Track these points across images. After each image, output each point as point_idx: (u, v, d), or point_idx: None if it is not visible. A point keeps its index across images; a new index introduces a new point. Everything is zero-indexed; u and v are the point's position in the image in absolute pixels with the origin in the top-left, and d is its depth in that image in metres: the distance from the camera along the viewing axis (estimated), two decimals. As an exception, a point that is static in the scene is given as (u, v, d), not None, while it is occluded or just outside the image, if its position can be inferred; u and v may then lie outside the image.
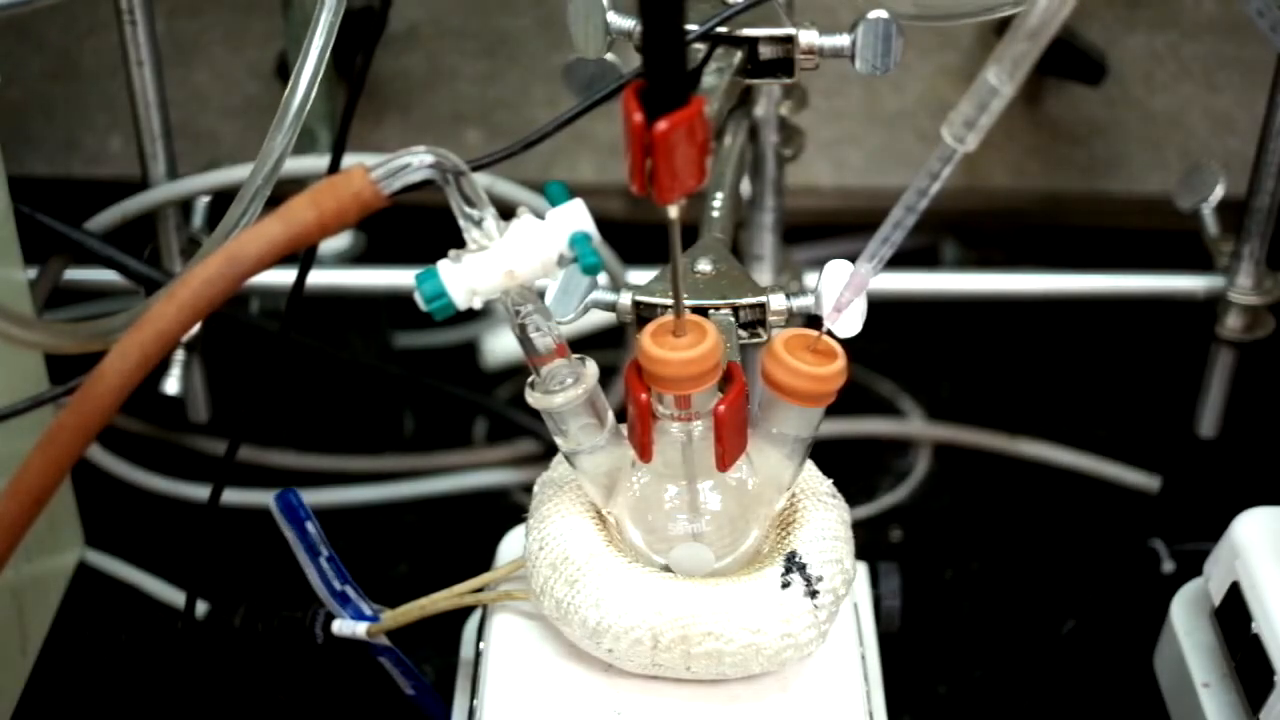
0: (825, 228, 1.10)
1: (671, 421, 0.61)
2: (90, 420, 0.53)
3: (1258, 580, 0.73)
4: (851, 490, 0.68)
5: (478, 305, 0.58)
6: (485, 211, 0.57)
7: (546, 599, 0.63)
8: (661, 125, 0.50)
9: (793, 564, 0.63)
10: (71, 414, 0.53)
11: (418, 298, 0.58)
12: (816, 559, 0.63)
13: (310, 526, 0.67)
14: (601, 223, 0.58)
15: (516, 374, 1.14)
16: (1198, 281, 0.92)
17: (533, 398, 0.61)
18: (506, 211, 0.58)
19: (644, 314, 0.71)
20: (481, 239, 0.57)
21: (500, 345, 1.15)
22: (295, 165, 0.83)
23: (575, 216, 0.57)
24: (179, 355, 0.90)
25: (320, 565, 0.68)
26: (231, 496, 0.92)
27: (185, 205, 0.91)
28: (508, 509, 1.02)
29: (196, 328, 0.87)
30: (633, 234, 0.84)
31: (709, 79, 0.71)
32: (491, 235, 0.57)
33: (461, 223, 0.57)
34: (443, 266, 0.58)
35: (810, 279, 0.93)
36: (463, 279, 0.57)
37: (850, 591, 0.65)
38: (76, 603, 0.91)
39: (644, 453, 0.61)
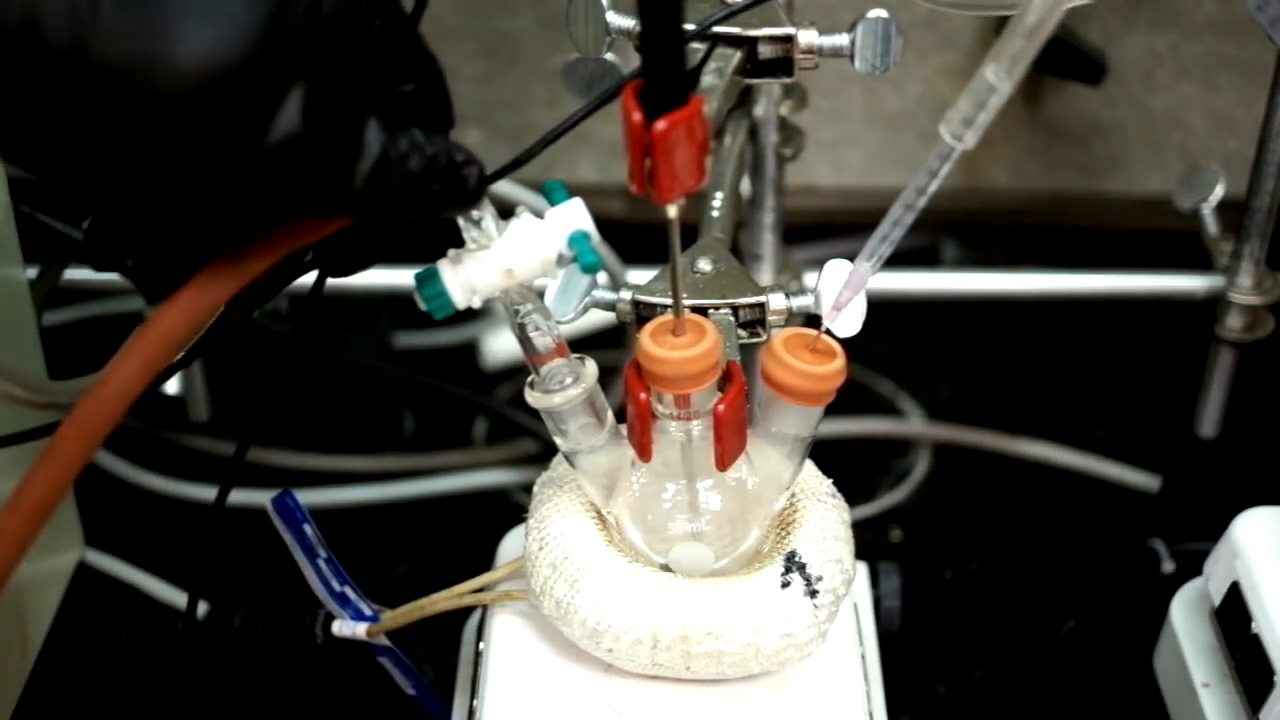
0: (825, 228, 1.10)
1: (671, 421, 0.61)
2: (95, 430, 0.52)
3: (1258, 580, 0.73)
4: (851, 490, 0.68)
5: (476, 304, 0.58)
6: (484, 211, 0.57)
7: (546, 599, 0.63)
8: (660, 125, 0.50)
9: (792, 564, 0.63)
10: (75, 424, 0.52)
11: (417, 297, 0.58)
12: (816, 559, 0.63)
13: (308, 528, 0.67)
14: (601, 223, 0.58)
15: (516, 374, 1.14)
16: (1198, 281, 0.92)
17: (532, 397, 0.61)
18: (506, 212, 0.58)
19: (644, 313, 0.71)
20: (481, 238, 0.57)
21: (500, 345, 1.15)
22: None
23: (574, 215, 0.57)
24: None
25: (319, 566, 0.68)
26: (232, 496, 0.92)
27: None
28: (508, 509, 1.02)
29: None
30: (633, 234, 0.84)
31: (708, 79, 0.71)
32: (491, 235, 0.57)
33: (461, 222, 0.57)
34: (442, 266, 0.58)
35: (810, 279, 0.93)
36: (462, 278, 0.57)
37: (850, 591, 0.65)
38: (76, 603, 0.91)
39: (643, 452, 0.61)
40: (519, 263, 0.57)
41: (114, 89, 0.47)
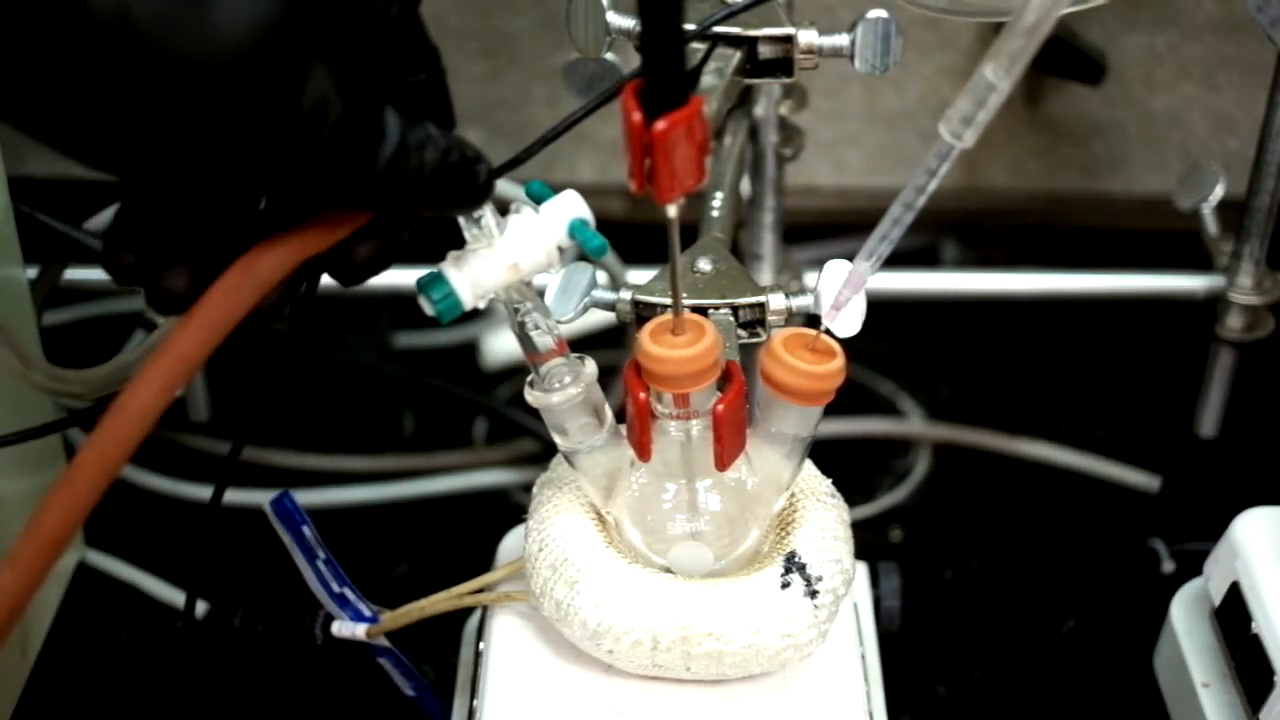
0: (825, 228, 1.10)
1: (670, 420, 0.61)
2: (112, 459, 0.51)
3: (1258, 580, 0.73)
4: (851, 490, 0.68)
5: (482, 305, 0.58)
6: (485, 209, 0.57)
7: (546, 600, 0.63)
8: (660, 125, 0.50)
9: (792, 564, 0.63)
10: (92, 452, 0.50)
11: (424, 302, 0.57)
12: (816, 558, 0.63)
13: (306, 530, 0.67)
14: (601, 223, 0.58)
15: (516, 374, 1.13)
16: (1198, 281, 0.92)
17: (531, 396, 0.61)
18: (502, 211, 0.58)
19: (644, 313, 0.71)
20: (482, 236, 0.57)
21: (500, 345, 1.15)
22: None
23: (570, 205, 0.57)
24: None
25: (318, 568, 0.68)
26: (231, 496, 0.91)
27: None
28: (508, 509, 1.02)
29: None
30: (633, 234, 0.84)
31: (708, 78, 0.71)
32: (491, 232, 0.57)
33: (461, 222, 0.57)
34: (446, 268, 0.58)
35: (810, 279, 0.93)
36: (470, 278, 0.57)
37: (850, 591, 0.65)
38: (76, 603, 0.91)
39: (643, 452, 0.61)
40: (523, 256, 0.57)
41: (156, 52, 0.46)
